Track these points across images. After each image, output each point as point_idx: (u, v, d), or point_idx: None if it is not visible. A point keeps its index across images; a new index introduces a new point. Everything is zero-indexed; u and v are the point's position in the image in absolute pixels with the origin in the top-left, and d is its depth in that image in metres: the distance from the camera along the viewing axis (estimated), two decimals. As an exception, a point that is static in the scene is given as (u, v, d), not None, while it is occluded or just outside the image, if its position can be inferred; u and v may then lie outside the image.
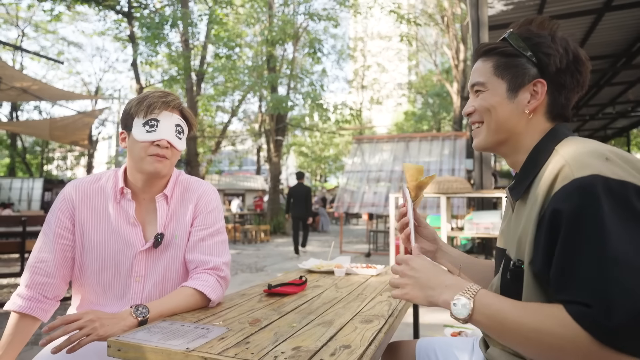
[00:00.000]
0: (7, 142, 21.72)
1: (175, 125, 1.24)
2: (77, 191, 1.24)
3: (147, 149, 1.20)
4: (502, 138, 0.92)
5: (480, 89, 0.92)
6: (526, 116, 0.89)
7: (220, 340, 0.89)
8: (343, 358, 0.80)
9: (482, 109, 0.92)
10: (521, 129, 0.89)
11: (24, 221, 3.60)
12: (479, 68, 0.94)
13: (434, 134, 11.13)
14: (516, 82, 0.89)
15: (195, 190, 1.33)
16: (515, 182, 0.91)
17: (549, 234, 0.72)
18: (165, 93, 1.25)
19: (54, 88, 11.66)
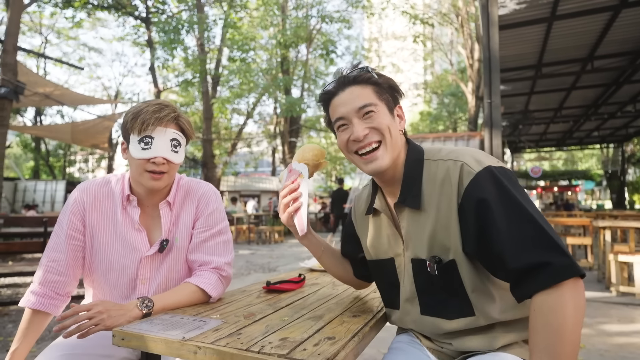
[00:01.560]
0: (32, 146, 22.46)
1: (171, 140, 1.24)
2: (87, 194, 1.31)
3: (144, 166, 1.22)
4: (395, 154, 1.01)
5: (372, 109, 0.98)
6: (401, 133, 1.04)
7: (214, 331, 0.96)
8: (325, 348, 0.85)
9: (381, 127, 0.98)
10: (400, 146, 1.03)
11: (45, 222, 3.76)
12: (360, 93, 0.99)
13: (447, 134, 11.06)
14: (389, 105, 1.02)
15: (195, 192, 1.38)
16: (402, 195, 1.01)
17: (478, 219, 0.89)
18: (159, 107, 1.23)
19: (75, 93, 12.02)
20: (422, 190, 0.98)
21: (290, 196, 1.08)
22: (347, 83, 1.01)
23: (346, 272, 1.32)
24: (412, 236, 1.02)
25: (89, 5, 14.80)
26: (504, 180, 0.89)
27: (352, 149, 1.01)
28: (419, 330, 1.08)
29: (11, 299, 4.41)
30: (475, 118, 15.15)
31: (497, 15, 5.05)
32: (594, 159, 33.99)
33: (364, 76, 1.00)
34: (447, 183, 0.94)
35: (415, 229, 1.01)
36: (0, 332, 3.28)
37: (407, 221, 1.02)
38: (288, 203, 1.08)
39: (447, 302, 0.99)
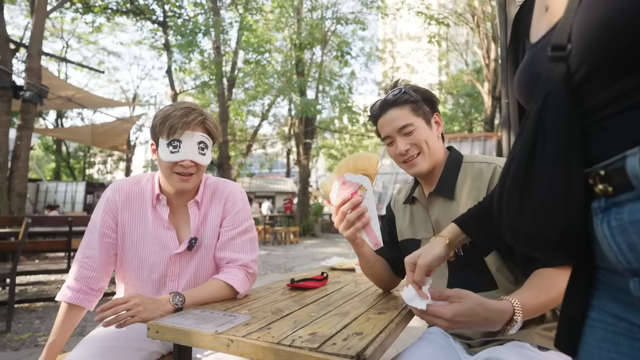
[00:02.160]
0: (53, 148, 23.03)
1: (198, 143, 1.28)
2: (119, 193, 1.37)
3: (173, 168, 1.27)
4: (435, 159, 1.20)
5: (411, 127, 1.17)
6: (439, 139, 1.22)
7: (245, 325, 0.99)
8: (354, 343, 0.88)
9: (420, 142, 1.17)
10: (440, 149, 1.21)
11: (70, 221, 3.87)
12: (399, 115, 1.18)
13: (463, 135, 10.97)
14: (427, 117, 1.19)
15: (222, 191, 1.43)
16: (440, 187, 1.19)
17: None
18: (187, 111, 1.27)
19: (95, 96, 12.30)
20: (457, 184, 1.16)
21: (356, 211, 1.08)
22: (388, 106, 1.20)
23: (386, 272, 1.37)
24: (441, 222, 1.18)
25: (108, 11, 15.14)
26: None
27: (399, 160, 1.22)
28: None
29: (37, 296, 4.55)
30: (492, 118, 14.97)
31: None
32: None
33: (401, 98, 1.18)
34: (479, 179, 1.12)
35: (444, 216, 1.17)
36: (29, 327, 3.39)
37: (437, 209, 1.20)
38: (355, 220, 1.09)
39: (471, 278, 1.11)
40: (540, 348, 0.99)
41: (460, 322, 0.84)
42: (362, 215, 1.08)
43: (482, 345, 1.06)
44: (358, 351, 0.82)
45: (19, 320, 3.59)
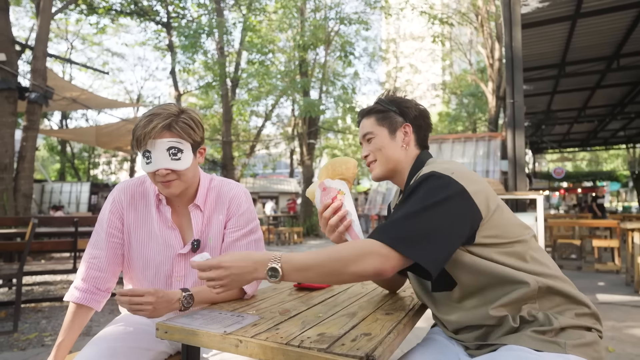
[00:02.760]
0: (58, 149, 23.15)
1: (168, 150, 1.23)
2: (125, 193, 1.38)
3: (154, 177, 1.28)
4: (391, 167, 1.24)
5: (370, 136, 1.26)
6: (404, 149, 1.24)
7: (253, 326, 1.00)
8: (363, 344, 0.88)
9: (374, 150, 1.25)
10: (402, 159, 1.24)
11: (76, 222, 3.90)
12: (365, 124, 1.28)
13: (467, 135, 10.93)
14: (392, 127, 1.25)
15: (226, 193, 1.42)
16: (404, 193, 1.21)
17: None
18: (149, 120, 1.22)
19: (99, 97, 12.36)
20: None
21: (337, 216, 1.13)
22: (360, 115, 1.32)
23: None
24: None
25: (112, 12, 15.22)
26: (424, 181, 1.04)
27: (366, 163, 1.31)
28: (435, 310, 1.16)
29: (44, 296, 4.58)
30: (496, 118, 14.92)
31: (519, 13, 4.99)
32: (620, 160, 33.01)
33: (372, 109, 1.28)
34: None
35: None
36: (35, 327, 3.41)
37: None
38: (337, 223, 1.13)
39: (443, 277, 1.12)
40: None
41: (225, 267, 0.98)
42: (343, 219, 1.13)
43: (477, 349, 1.06)
44: (367, 352, 0.82)
45: (26, 320, 3.62)
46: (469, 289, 1.04)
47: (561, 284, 1.02)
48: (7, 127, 7.26)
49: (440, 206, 0.97)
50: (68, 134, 16.38)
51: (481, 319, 1.02)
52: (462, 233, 0.98)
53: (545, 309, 1.00)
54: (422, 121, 1.28)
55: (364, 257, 0.94)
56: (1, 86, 7.23)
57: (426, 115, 1.29)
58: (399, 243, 0.93)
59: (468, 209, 0.99)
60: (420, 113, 1.27)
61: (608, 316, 3.64)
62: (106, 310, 3.92)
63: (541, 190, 17.30)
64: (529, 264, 1.02)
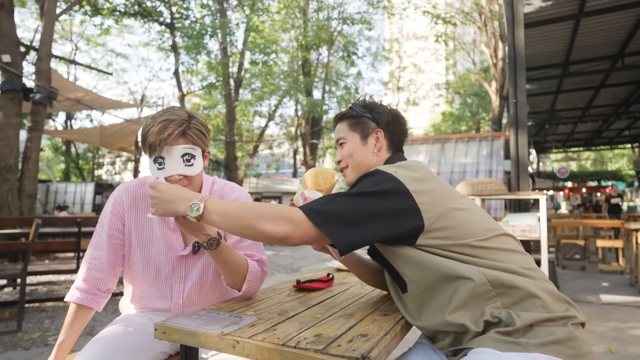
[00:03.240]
0: (63, 149, 23.29)
1: (182, 156, 1.24)
2: (126, 195, 1.38)
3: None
4: (362, 172, 1.21)
5: (343, 141, 1.28)
6: (375, 155, 1.26)
7: (251, 327, 1.00)
8: (359, 344, 0.88)
9: (346, 155, 1.27)
10: (374, 164, 1.25)
11: (79, 222, 3.92)
12: (339, 128, 1.30)
13: (470, 134, 10.89)
14: (364, 132, 1.26)
15: (229, 196, 1.44)
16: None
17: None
18: (164, 125, 1.21)
19: (104, 98, 12.41)
20: None
21: None
22: (335, 120, 1.33)
23: (380, 277, 1.38)
24: None
25: (116, 13, 15.29)
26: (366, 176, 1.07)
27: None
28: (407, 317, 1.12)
29: (48, 296, 4.61)
30: (499, 118, 14.86)
31: (522, 13, 4.97)
32: (625, 159, 32.80)
33: (346, 114, 1.30)
34: None
35: None
36: (39, 327, 3.44)
37: None
38: None
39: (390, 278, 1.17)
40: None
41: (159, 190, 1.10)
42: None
43: (454, 355, 1.03)
44: (363, 353, 0.82)
45: (30, 319, 3.64)
46: (419, 287, 1.03)
47: (517, 278, 0.96)
48: (11, 127, 7.31)
49: (371, 196, 1.00)
50: (72, 134, 16.46)
51: (443, 325, 0.99)
52: (389, 227, 0.98)
53: (508, 307, 0.95)
54: (396, 127, 1.28)
55: (279, 219, 0.98)
56: (6, 87, 7.28)
57: (400, 120, 1.29)
58: (316, 216, 0.97)
59: (403, 205, 0.99)
60: (393, 119, 1.27)
61: (611, 317, 3.62)
62: (109, 310, 3.94)
63: (545, 190, 17.22)
64: (478, 258, 0.99)
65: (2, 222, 5.15)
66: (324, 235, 0.97)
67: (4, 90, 7.34)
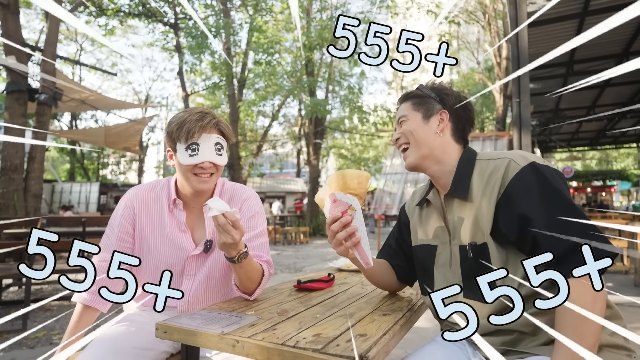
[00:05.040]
0: (68, 149, 23.42)
1: (215, 144, 1.34)
2: (137, 199, 1.42)
3: (192, 170, 1.33)
4: (424, 153, 1.18)
5: (404, 119, 1.22)
6: (438, 135, 1.18)
7: (251, 326, 1.01)
8: (358, 344, 0.88)
9: (406, 132, 1.20)
10: (437, 146, 1.18)
11: (83, 222, 3.95)
12: (402, 107, 1.25)
13: (474, 134, 10.86)
14: (427, 112, 1.20)
15: (239, 196, 1.48)
16: (453, 188, 1.14)
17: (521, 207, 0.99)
18: (201, 115, 1.32)
19: (108, 98, 12.49)
20: (471, 184, 1.11)
21: (345, 231, 1.07)
22: (399, 100, 1.29)
23: (389, 278, 1.38)
24: (458, 226, 1.13)
25: (120, 14, 15.35)
26: (547, 174, 1.00)
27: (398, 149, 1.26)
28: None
29: (52, 296, 4.64)
30: (503, 117, 14.80)
31: (526, 12, 4.95)
32: (631, 159, 32.57)
33: (410, 94, 1.25)
34: (493, 176, 1.06)
35: (461, 219, 1.12)
36: (44, 326, 3.47)
37: (454, 212, 1.14)
38: (344, 238, 1.08)
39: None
40: None
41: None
42: (352, 235, 1.07)
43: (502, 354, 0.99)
44: (361, 352, 0.83)
45: (35, 318, 3.68)
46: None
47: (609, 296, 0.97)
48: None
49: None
50: (77, 135, 16.58)
51: (517, 325, 0.95)
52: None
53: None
54: (462, 111, 1.20)
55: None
56: (11, 88, 7.34)
57: (468, 106, 1.22)
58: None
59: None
60: (460, 102, 1.21)
61: (615, 317, 3.59)
62: (113, 309, 3.97)
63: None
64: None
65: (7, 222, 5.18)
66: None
67: (9, 91, 7.41)
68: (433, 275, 1.18)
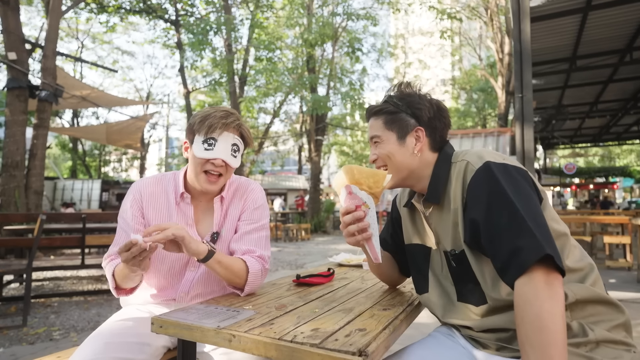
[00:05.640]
0: (70, 147, 23.46)
1: (232, 145, 1.33)
2: (143, 192, 1.40)
3: (203, 165, 1.32)
4: (404, 175, 1.14)
5: (378, 140, 1.15)
6: (416, 156, 1.13)
7: (248, 321, 0.99)
8: (356, 339, 0.86)
9: (383, 156, 1.14)
10: (415, 166, 1.13)
11: (83, 218, 3.94)
12: (373, 124, 1.17)
13: (476, 130, 10.82)
14: (402, 131, 1.13)
15: (245, 188, 1.47)
16: (428, 194, 1.11)
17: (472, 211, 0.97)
18: (226, 113, 1.33)
19: (109, 95, 12.49)
20: (447, 189, 1.08)
21: (357, 226, 1.06)
22: (369, 114, 1.20)
23: (393, 270, 1.37)
24: (439, 231, 1.11)
25: (121, 10, 15.32)
26: (498, 174, 0.96)
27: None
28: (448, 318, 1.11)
29: (53, 292, 4.65)
30: (506, 114, 14.74)
31: (528, 6, 4.91)
32: (633, 155, 32.44)
33: (381, 109, 1.16)
34: (459, 181, 1.04)
35: (441, 224, 1.10)
36: (44, 322, 3.46)
37: (435, 217, 1.12)
38: (356, 232, 1.07)
39: (472, 288, 1.04)
40: None
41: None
42: (363, 230, 1.06)
43: (498, 349, 1.00)
44: (360, 347, 0.81)
45: (35, 314, 3.67)
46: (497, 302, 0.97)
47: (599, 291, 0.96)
48: (18, 125, 7.36)
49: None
50: (79, 132, 16.58)
51: (512, 323, 0.93)
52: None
53: (578, 318, 0.94)
54: (438, 122, 1.14)
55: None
56: (12, 85, 7.33)
57: (443, 114, 1.16)
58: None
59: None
60: (435, 113, 1.14)
61: (618, 314, 3.57)
62: (113, 306, 3.97)
63: (552, 186, 17.08)
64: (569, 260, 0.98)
65: (8, 218, 5.19)
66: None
67: (10, 88, 7.39)
68: (428, 277, 1.16)
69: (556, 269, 0.84)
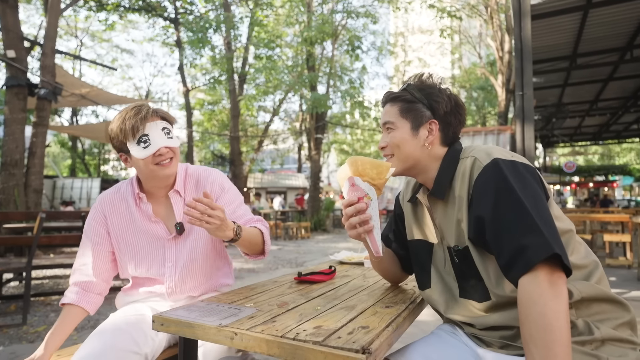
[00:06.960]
0: (69, 145, 23.42)
1: (162, 129, 1.35)
2: (104, 203, 1.44)
3: (152, 161, 1.33)
4: (409, 165, 1.14)
5: (391, 127, 1.15)
6: (426, 148, 1.12)
7: (250, 318, 0.99)
8: (359, 336, 0.86)
9: (392, 144, 1.14)
10: (423, 158, 1.12)
11: (83, 216, 3.93)
12: (388, 110, 1.16)
13: (476, 128, 10.81)
14: (416, 122, 1.12)
15: (205, 179, 1.49)
16: (433, 189, 1.11)
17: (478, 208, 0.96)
18: (137, 109, 1.34)
19: (109, 93, 12.44)
20: (453, 185, 1.07)
21: (358, 217, 1.06)
22: (386, 100, 1.19)
23: (396, 267, 1.36)
24: (444, 227, 1.10)
25: (120, 8, 15.28)
26: (506, 171, 0.95)
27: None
28: (451, 313, 1.10)
29: (53, 290, 4.64)
30: (506, 112, 14.72)
31: (529, 4, 4.89)
32: (633, 153, 32.45)
33: (399, 96, 1.16)
34: (465, 177, 1.03)
35: (445, 220, 1.09)
36: (44, 320, 3.46)
37: (439, 213, 1.11)
38: (357, 224, 1.07)
39: (476, 284, 1.03)
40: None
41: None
42: (365, 222, 1.06)
43: (502, 347, 1.00)
44: (363, 345, 0.80)
45: (35, 313, 3.67)
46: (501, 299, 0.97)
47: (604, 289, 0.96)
48: (17, 123, 7.35)
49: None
50: (78, 130, 16.53)
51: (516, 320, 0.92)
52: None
53: (583, 316, 0.93)
54: (453, 117, 1.13)
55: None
56: (11, 83, 7.31)
57: (459, 110, 1.15)
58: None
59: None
60: (452, 109, 1.13)
61: (619, 312, 3.56)
62: (114, 305, 3.95)
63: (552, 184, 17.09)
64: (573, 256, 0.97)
65: (7, 217, 5.17)
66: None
67: (8, 86, 7.37)
68: (430, 272, 1.16)
69: (560, 268, 0.83)
